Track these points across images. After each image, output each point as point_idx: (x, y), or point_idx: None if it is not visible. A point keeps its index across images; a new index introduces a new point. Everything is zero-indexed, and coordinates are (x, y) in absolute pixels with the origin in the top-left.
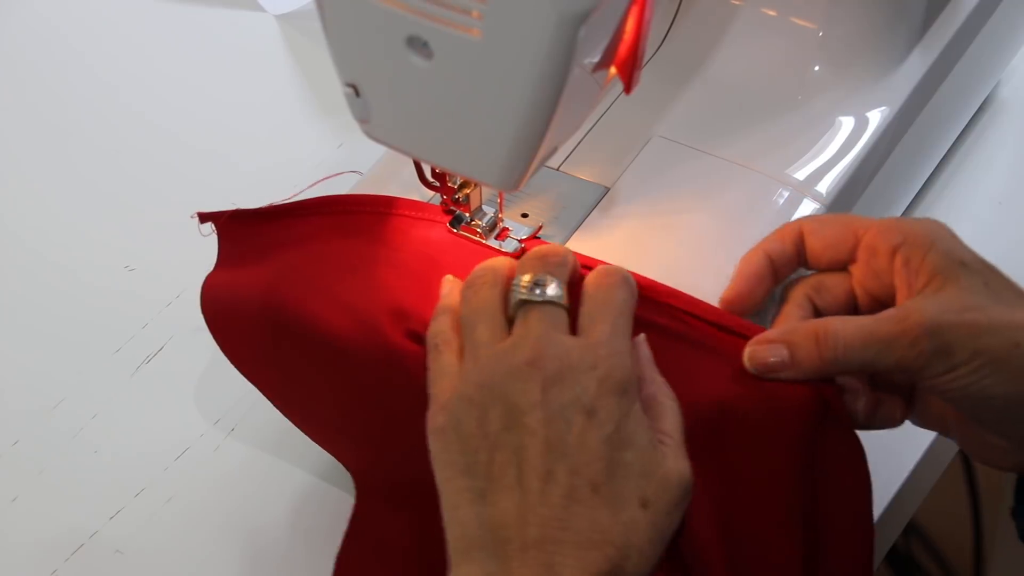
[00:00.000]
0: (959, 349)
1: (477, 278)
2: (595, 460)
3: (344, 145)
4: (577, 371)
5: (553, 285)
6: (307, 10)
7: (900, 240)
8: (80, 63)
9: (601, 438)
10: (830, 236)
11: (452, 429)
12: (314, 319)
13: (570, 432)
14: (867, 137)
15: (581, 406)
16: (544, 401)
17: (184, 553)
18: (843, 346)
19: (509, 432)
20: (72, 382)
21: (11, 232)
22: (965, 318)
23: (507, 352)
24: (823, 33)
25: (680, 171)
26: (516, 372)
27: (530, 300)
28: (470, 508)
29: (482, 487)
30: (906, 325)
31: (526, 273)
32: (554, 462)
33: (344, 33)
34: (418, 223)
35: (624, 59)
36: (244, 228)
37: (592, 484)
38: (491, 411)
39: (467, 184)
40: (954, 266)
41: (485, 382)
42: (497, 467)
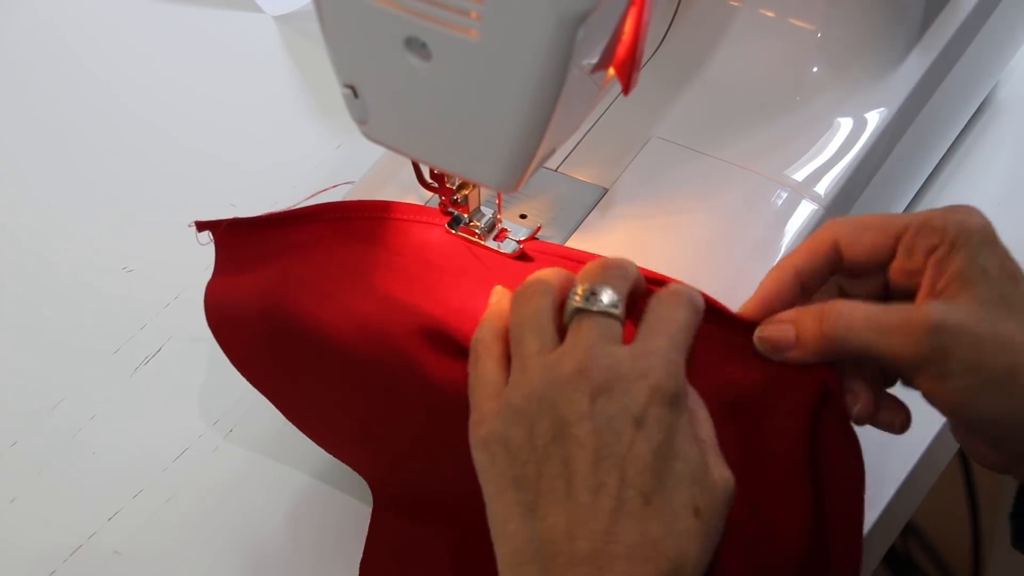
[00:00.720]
0: (957, 357)
1: (528, 287)
2: (645, 470)
3: (342, 146)
4: (627, 380)
5: (609, 294)
6: (305, 11)
7: (937, 240)
8: (78, 64)
9: (651, 448)
10: (869, 244)
11: (499, 442)
12: (318, 325)
13: (620, 443)
14: (866, 138)
15: (630, 416)
16: (592, 412)
17: (183, 554)
18: (844, 325)
19: (558, 444)
20: (71, 383)
21: (9, 233)
22: (969, 327)
23: (556, 362)
24: (821, 34)
25: (679, 172)
26: (564, 382)
27: (585, 309)
28: (520, 523)
29: (532, 500)
30: (911, 319)
31: (584, 282)
32: (604, 474)
33: (342, 34)
34: (416, 225)
35: (623, 60)
36: (241, 237)
37: (643, 495)
38: (539, 423)
39: (465, 185)
40: (975, 273)
41: (533, 393)
42: (546, 480)
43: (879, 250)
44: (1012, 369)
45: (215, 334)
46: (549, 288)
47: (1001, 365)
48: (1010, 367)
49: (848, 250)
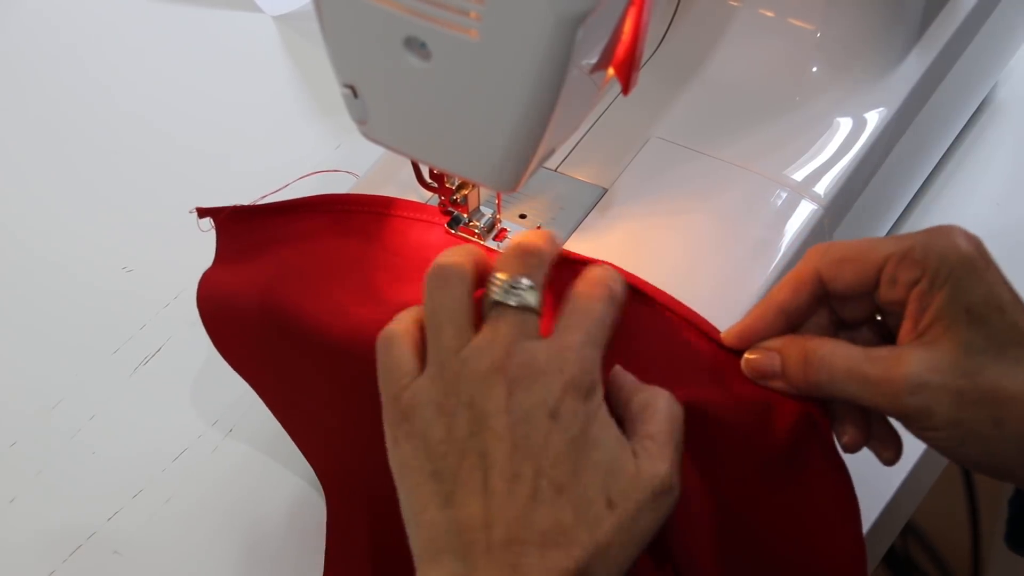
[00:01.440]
0: (939, 414)
1: (444, 270)
2: (561, 461)
3: (342, 146)
4: (543, 375)
5: (529, 290)
6: (305, 11)
7: (918, 274)
8: (77, 64)
9: (566, 440)
10: (851, 277)
11: (420, 436)
12: (310, 319)
13: (535, 434)
14: (865, 138)
15: (546, 408)
16: (509, 406)
17: (182, 554)
18: (827, 376)
19: (476, 437)
20: (70, 383)
21: (9, 233)
22: (950, 383)
23: (474, 357)
24: (821, 34)
25: (678, 172)
26: (482, 378)
27: (503, 303)
28: (437, 511)
29: (449, 491)
30: (892, 375)
31: (503, 272)
32: (520, 463)
33: (342, 34)
34: (416, 224)
35: (622, 60)
36: (243, 224)
37: (556, 485)
38: (458, 417)
39: (465, 185)
40: (957, 314)
41: (452, 388)
42: (464, 472)
43: (862, 281)
44: (997, 421)
45: (205, 322)
46: (465, 274)
47: (984, 419)
48: (994, 420)
49: (831, 284)
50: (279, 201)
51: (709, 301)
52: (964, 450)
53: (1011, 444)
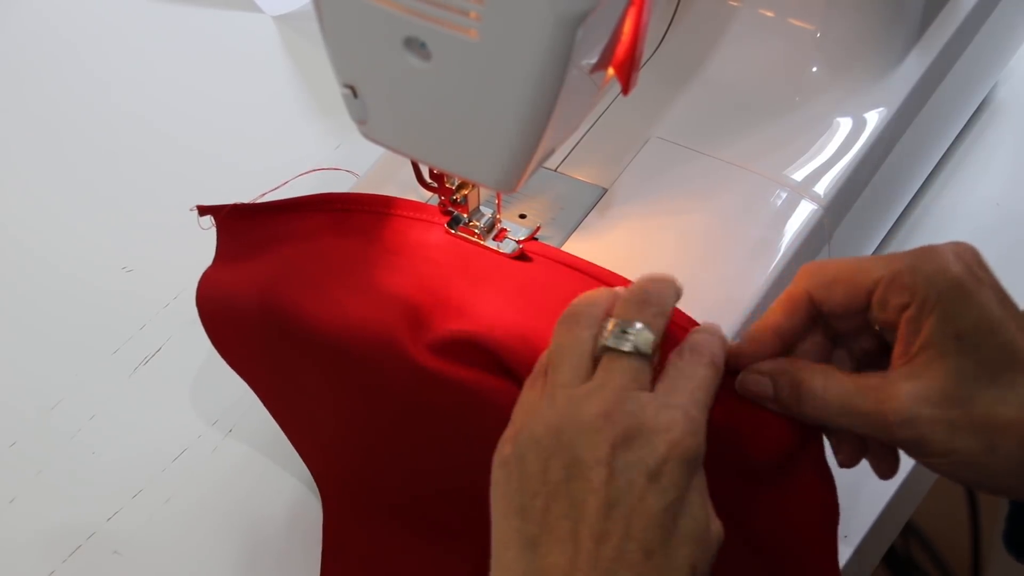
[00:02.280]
0: (932, 444)
1: (576, 314)
2: (652, 526)
3: (342, 146)
4: (649, 432)
5: (643, 335)
6: (305, 11)
7: (908, 299)
8: (77, 64)
9: (662, 505)
10: (842, 299)
11: (516, 464)
12: (310, 318)
13: (631, 494)
14: (865, 138)
15: (646, 468)
16: (610, 459)
17: (182, 554)
18: (820, 407)
19: (570, 484)
20: (70, 383)
21: (9, 233)
22: (942, 415)
23: (583, 400)
24: (821, 34)
25: (678, 172)
26: (586, 424)
27: (616, 349)
28: (520, 554)
29: (534, 533)
30: (883, 409)
31: (619, 316)
32: (610, 522)
33: (342, 34)
34: (416, 224)
35: (622, 60)
36: (244, 223)
37: (646, 550)
38: (556, 458)
39: (465, 185)
40: (947, 341)
41: (555, 426)
42: (553, 517)
43: (853, 303)
44: (991, 448)
45: (204, 321)
46: (595, 318)
47: (978, 446)
48: (989, 447)
49: (823, 305)
50: (280, 200)
51: (709, 301)
52: (960, 474)
53: (1007, 466)
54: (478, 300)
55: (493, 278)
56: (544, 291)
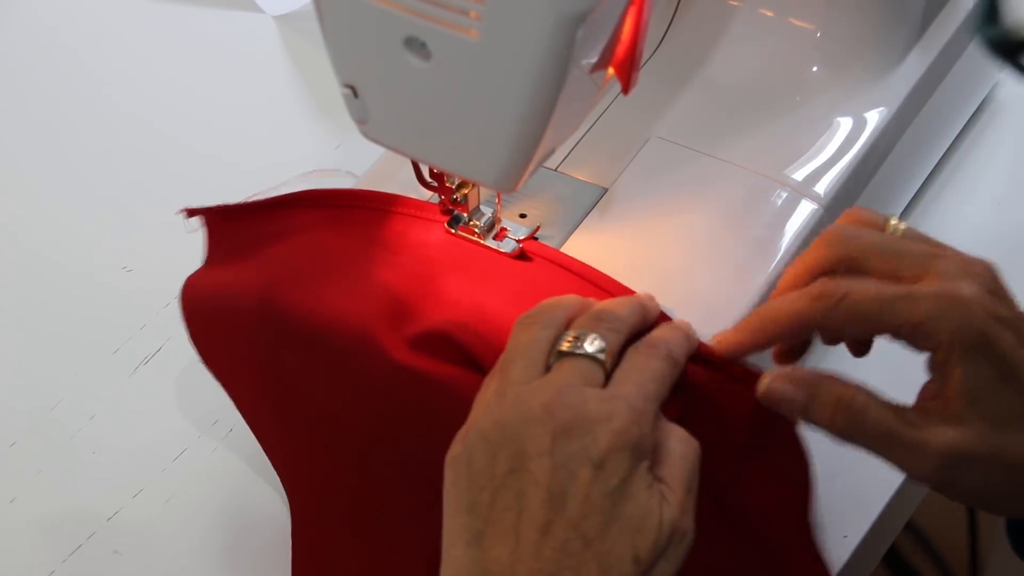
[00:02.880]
0: (964, 483)
1: (535, 315)
2: (593, 514)
3: (342, 146)
4: (590, 422)
5: (596, 343)
6: (305, 11)
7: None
8: (78, 64)
9: (603, 492)
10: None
11: (464, 462)
12: (308, 315)
13: (573, 484)
14: (865, 138)
15: (588, 458)
16: (552, 449)
17: (183, 553)
18: (859, 429)
19: (514, 476)
20: (70, 383)
21: (9, 233)
22: (978, 456)
23: (528, 394)
24: (821, 34)
25: (678, 172)
26: (530, 416)
27: (569, 353)
28: (465, 549)
29: (480, 528)
30: (925, 447)
31: (577, 328)
32: (553, 513)
33: (342, 34)
34: (416, 222)
35: (622, 60)
36: (234, 223)
37: (585, 539)
38: (501, 452)
39: (465, 184)
40: (979, 391)
41: (501, 421)
42: (497, 511)
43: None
44: (1017, 485)
45: (189, 323)
46: (554, 321)
47: (1007, 485)
48: (1016, 484)
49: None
50: (274, 196)
51: (709, 301)
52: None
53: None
54: (472, 298)
55: (492, 277)
56: (543, 292)
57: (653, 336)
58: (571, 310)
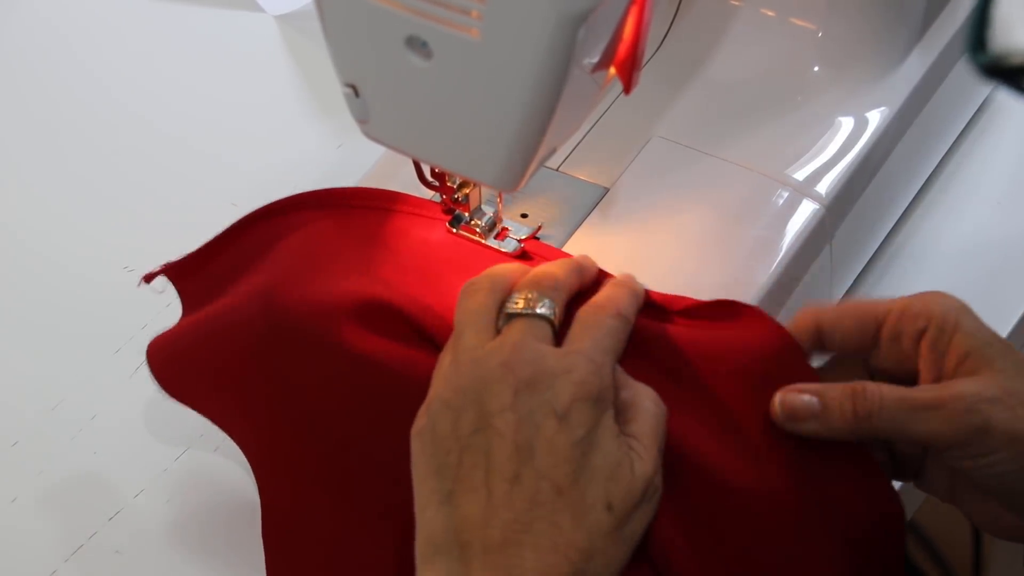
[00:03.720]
0: (998, 432)
1: (475, 283)
2: (562, 463)
3: (343, 145)
4: (551, 375)
5: (542, 302)
6: (306, 10)
7: (924, 324)
8: (78, 64)
9: (570, 442)
10: (851, 327)
11: (429, 431)
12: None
13: (539, 436)
14: (866, 137)
15: (551, 410)
16: (515, 404)
17: (184, 554)
18: (879, 405)
19: (479, 434)
20: (71, 383)
21: (10, 233)
22: (1006, 401)
23: (485, 356)
24: (822, 34)
25: (679, 172)
26: (489, 375)
27: (517, 314)
28: (437, 509)
29: (450, 489)
30: (946, 398)
31: (520, 291)
32: (521, 465)
33: (343, 33)
34: (417, 221)
35: (623, 59)
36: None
37: (556, 487)
38: (464, 414)
39: (466, 184)
40: (984, 348)
41: (462, 385)
42: (465, 469)
43: (863, 333)
44: None
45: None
46: (497, 287)
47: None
48: None
49: (830, 334)
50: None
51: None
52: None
53: None
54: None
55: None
56: None
57: (600, 297)
58: (513, 275)
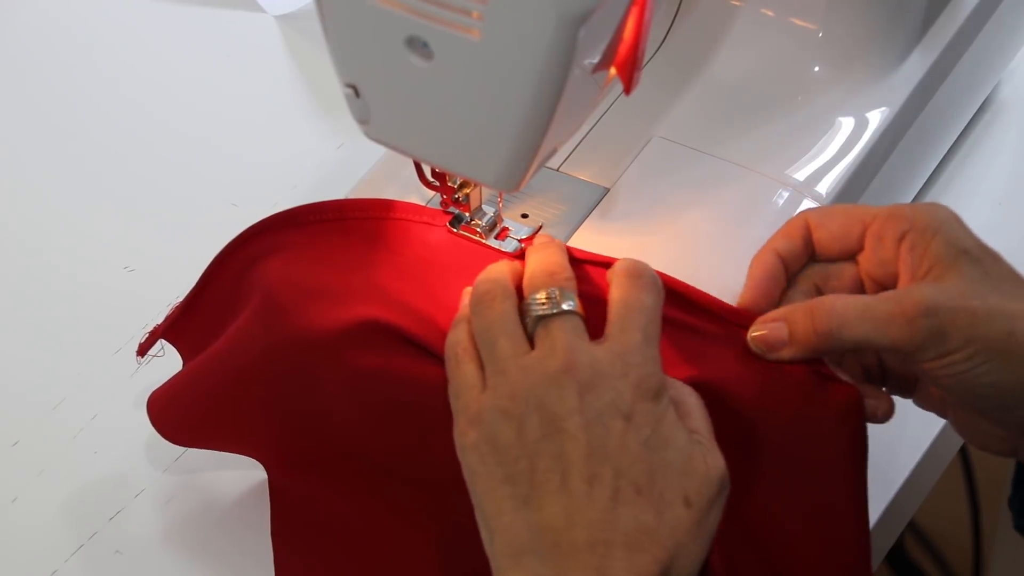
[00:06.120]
0: (954, 334)
1: (486, 292)
2: (636, 462)
3: (344, 146)
4: (610, 377)
5: (565, 295)
6: (307, 11)
7: (907, 227)
8: (80, 64)
9: (640, 441)
10: (837, 228)
11: (486, 442)
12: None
13: (610, 436)
14: (867, 137)
15: (618, 410)
16: (582, 407)
17: (183, 554)
18: (838, 320)
19: (549, 439)
20: (72, 382)
21: (11, 231)
22: (961, 304)
23: (539, 362)
24: (823, 34)
25: (680, 172)
26: (551, 380)
27: (547, 315)
28: (514, 515)
29: (525, 494)
30: (903, 306)
31: (538, 290)
32: (598, 465)
33: (344, 34)
34: (416, 225)
35: (624, 60)
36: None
37: (635, 486)
38: (528, 420)
39: (467, 184)
40: (956, 254)
41: (518, 393)
42: (540, 474)
43: (847, 234)
44: (1009, 333)
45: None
46: (509, 291)
47: (997, 332)
48: (1007, 332)
49: (817, 232)
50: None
51: None
52: (979, 373)
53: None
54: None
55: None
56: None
57: (628, 271)
58: (511, 276)
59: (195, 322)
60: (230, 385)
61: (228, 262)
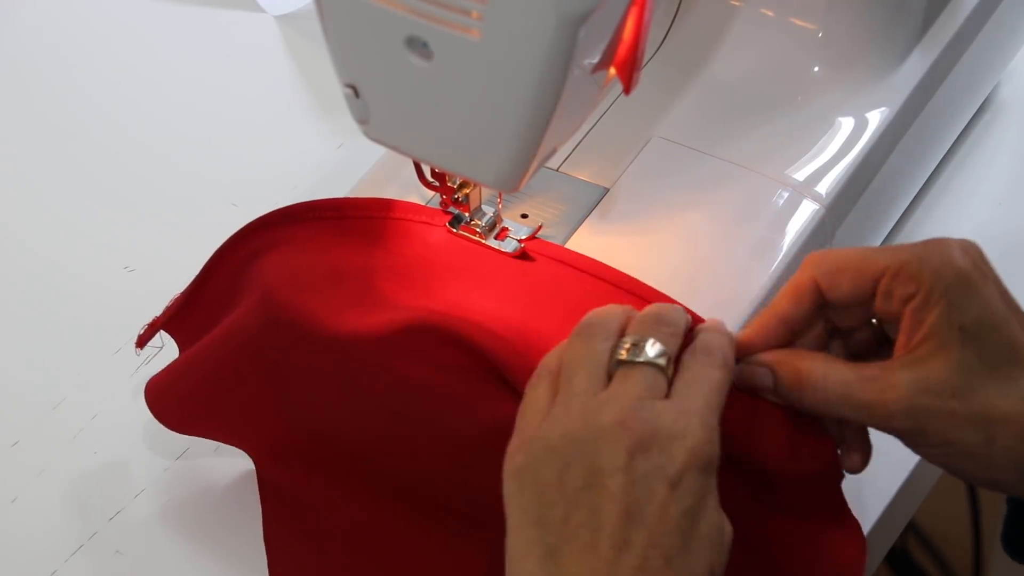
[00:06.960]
0: (932, 435)
1: (589, 326)
2: (673, 531)
3: (343, 146)
4: (665, 439)
5: (657, 349)
6: (307, 11)
7: (913, 290)
8: (80, 64)
9: (680, 510)
10: (848, 288)
11: (530, 474)
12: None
13: (651, 502)
14: (867, 138)
15: (665, 476)
16: (628, 466)
17: (184, 554)
18: (822, 397)
19: (588, 491)
20: (72, 383)
21: (10, 231)
22: (941, 405)
23: (599, 408)
24: (823, 34)
25: (679, 172)
26: (603, 431)
27: (631, 362)
28: (538, 564)
29: (553, 543)
30: (884, 398)
31: (633, 333)
32: (631, 530)
33: (343, 34)
34: (416, 225)
35: (623, 60)
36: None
37: (667, 557)
38: (573, 466)
39: (466, 184)
40: (951, 333)
41: (570, 434)
42: (571, 527)
43: (859, 292)
44: (988, 440)
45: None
46: (611, 332)
47: (974, 440)
48: (985, 440)
49: (828, 294)
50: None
51: (710, 301)
52: (956, 466)
53: (1004, 460)
54: (477, 300)
55: (494, 277)
56: (546, 291)
57: (706, 342)
58: (622, 319)
59: (194, 315)
60: (224, 373)
61: (227, 257)
